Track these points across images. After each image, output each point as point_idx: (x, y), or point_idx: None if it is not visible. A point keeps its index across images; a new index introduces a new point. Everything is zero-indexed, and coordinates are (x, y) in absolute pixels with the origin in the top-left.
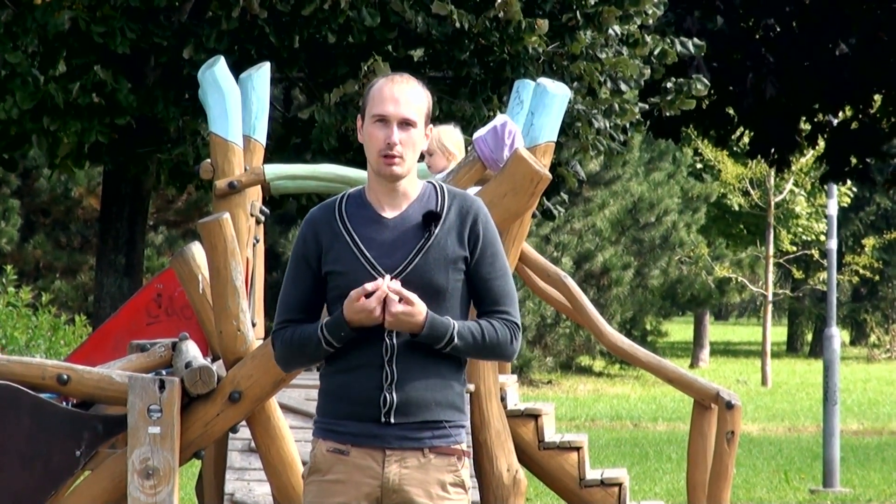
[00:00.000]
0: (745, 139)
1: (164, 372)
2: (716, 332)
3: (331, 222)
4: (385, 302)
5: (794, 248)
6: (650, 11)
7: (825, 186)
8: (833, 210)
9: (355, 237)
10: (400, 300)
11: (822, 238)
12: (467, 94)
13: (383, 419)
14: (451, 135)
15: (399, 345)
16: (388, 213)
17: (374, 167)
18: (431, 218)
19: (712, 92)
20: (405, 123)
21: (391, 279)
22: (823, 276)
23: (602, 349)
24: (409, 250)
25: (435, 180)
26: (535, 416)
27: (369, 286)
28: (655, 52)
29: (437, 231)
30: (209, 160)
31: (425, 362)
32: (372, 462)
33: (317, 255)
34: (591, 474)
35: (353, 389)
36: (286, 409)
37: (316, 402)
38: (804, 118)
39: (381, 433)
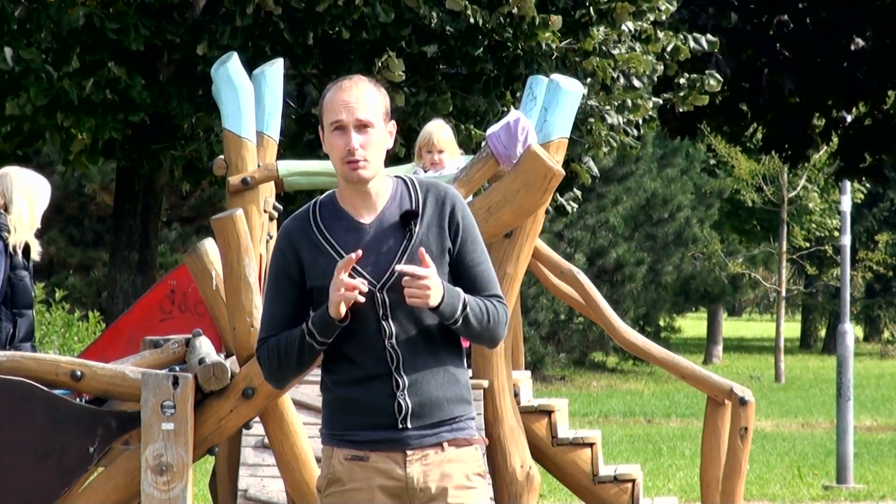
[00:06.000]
0: (759, 135)
1: (177, 368)
2: (729, 328)
3: (308, 234)
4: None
5: (808, 244)
6: (663, 7)
7: (839, 182)
8: (846, 206)
9: (338, 248)
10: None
11: (836, 234)
12: (481, 90)
13: (400, 425)
14: (451, 132)
15: (402, 350)
16: (366, 218)
17: (341, 174)
18: (410, 217)
19: (725, 88)
20: (362, 126)
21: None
22: (837, 272)
23: (615, 345)
24: (393, 254)
25: (405, 175)
26: (548, 412)
27: (354, 255)
28: (668, 49)
29: (417, 229)
30: (222, 156)
31: (430, 360)
32: (393, 465)
33: (298, 268)
34: (605, 470)
35: (365, 400)
36: (299, 405)
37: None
38: (818, 114)
39: (400, 437)
